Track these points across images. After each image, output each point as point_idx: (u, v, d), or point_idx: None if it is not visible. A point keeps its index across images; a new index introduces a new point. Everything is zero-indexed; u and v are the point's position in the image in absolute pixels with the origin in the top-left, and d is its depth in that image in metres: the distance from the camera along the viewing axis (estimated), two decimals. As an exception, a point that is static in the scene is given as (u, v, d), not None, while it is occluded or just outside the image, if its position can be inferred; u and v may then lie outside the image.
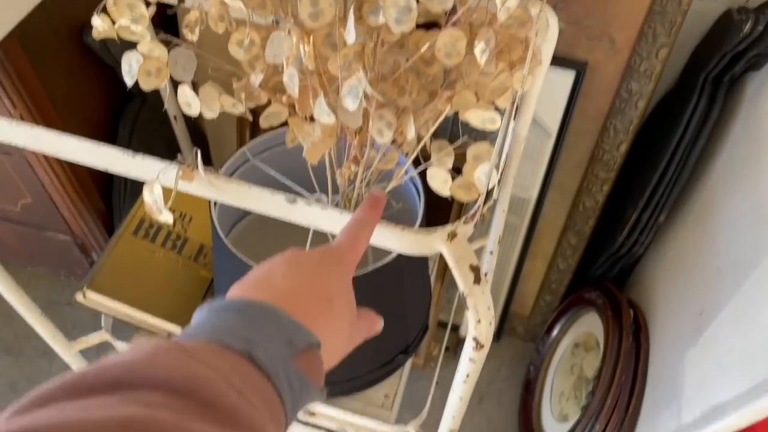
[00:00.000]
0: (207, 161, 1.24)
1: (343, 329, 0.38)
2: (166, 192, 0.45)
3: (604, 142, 0.99)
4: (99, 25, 0.49)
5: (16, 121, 0.46)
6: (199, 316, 0.33)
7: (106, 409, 0.23)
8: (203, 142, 1.17)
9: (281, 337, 0.32)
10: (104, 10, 0.50)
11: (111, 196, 0.96)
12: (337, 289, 0.38)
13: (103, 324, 0.91)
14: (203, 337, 0.30)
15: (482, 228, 1.09)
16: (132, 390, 0.25)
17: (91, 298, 0.82)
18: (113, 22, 0.51)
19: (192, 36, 0.51)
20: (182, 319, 0.84)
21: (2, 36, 0.58)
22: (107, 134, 0.94)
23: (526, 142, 1.04)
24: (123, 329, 0.91)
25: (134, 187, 0.95)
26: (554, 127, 1.00)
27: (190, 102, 0.55)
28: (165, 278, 0.86)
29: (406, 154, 0.62)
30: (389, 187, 0.64)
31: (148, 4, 0.51)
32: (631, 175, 1.05)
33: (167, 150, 1.02)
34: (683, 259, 0.98)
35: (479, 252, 0.71)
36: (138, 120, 0.94)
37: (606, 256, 1.11)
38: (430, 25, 0.53)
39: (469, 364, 0.51)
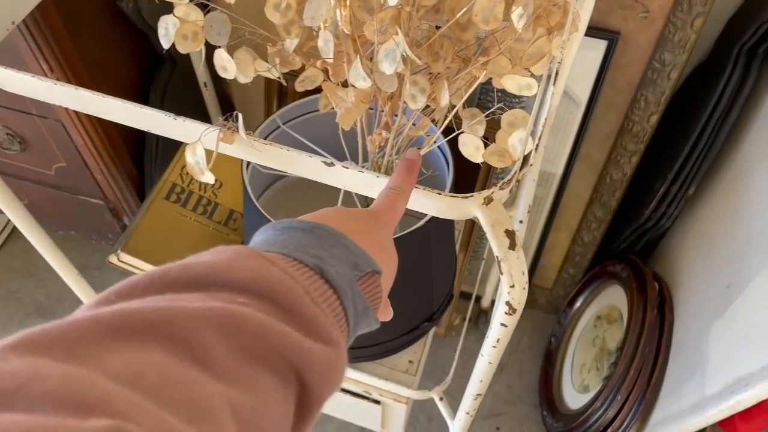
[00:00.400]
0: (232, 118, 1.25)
1: (390, 279, 0.39)
2: (207, 153, 0.46)
3: (634, 113, 0.98)
4: (140, -13, 0.50)
5: (62, 83, 0.47)
6: (264, 234, 0.33)
7: (200, 302, 0.24)
8: (230, 108, 1.18)
9: (346, 259, 0.32)
10: (144, -27, 0.51)
11: (143, 161, 0.97)
12: (386, 241, 0.39)
13: (135, 286, 0.93)
14: (276, 251, 0.30)
15: (509, 199, 1.09)
16: (217, 289, 0.25)
17: (125, 261, 0.85)
18: (153, -15, 0.51)
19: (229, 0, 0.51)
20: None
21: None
22: (139, 98, 0.95)
23: (555, 113, 1.03)
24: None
25: (165, 153, 0.97)
26: (584, 97, 0.99)
27: (226, 66, 0.56)
28: (195, 242, 0.87)
29: (435, 122, 0.63)
30: (422, 152, 0.65)
31: (187, -33, 0.52)
32: (660, 147, 1.04)
33: (197, 115, 1.03)
34: (711, 232, 0.98)
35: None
36: (169, 85, 0.95)
37: (632, 230, 1.11)
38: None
39: (500, 328, 0.52)
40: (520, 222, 0.68)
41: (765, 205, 0.83)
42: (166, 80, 0.95)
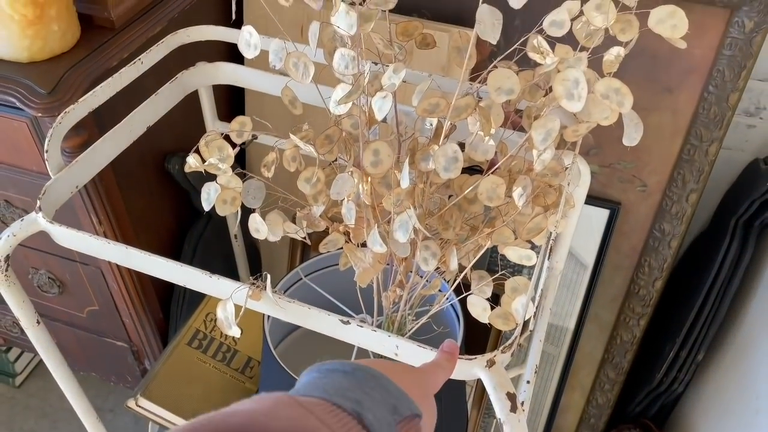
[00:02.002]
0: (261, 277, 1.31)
1: (431, 426, 0.39)
2: (236, 309, 0.51)
3: (639, 277, 1.02)
4: (192, 162, 0.58)
5: (113, 242, 0.53)
6: (308, 376, 0.35)
7: None
8: (257, 258, 1.25)
9: (387, 403, 0.33)
10: (197, 150, 0.59)
11: (170, 306, 1.02)
12: (428, 388, 0.40)
13: (149, 431, 0.95)
14: (317, 395, 0.32)
15: (520, 356, 1.11)
16: None
17: (142, 405, 0.87)
18: (203, 160, 0.59)
19: (268, 174, 0.59)
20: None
21: (104, 166, 0.67)
22: (173, 248, 1.03)
23: (564, 274, 1.08)
24: (167, 437, 0.94)
25: (191, 299, 1.02)
26: (590, 260, 1.04)
27: (258, 228, 0.62)
28: (212, 389, 0.90)
29: (448, 281, 0.67)
30: (432, 311, 0.69)
31: (233, 146, 0.60)
32: (669, 311, 1.07)
33: (225, 265, 1.10)
34: (722, 399, 0.97)
35: (517, 380, 0.74)
36: (203, 236, 1.03)
37: (645, 393, 1.11)
38: (472, 166, 0.60)
39: (504, 490, 0.52)
40: (528, 382, 0.70)
41: (772, 373, 0.84)
42: (201, 232, 1.03)
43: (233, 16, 0.63)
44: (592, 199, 0.98)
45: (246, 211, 0.62)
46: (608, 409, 1.18)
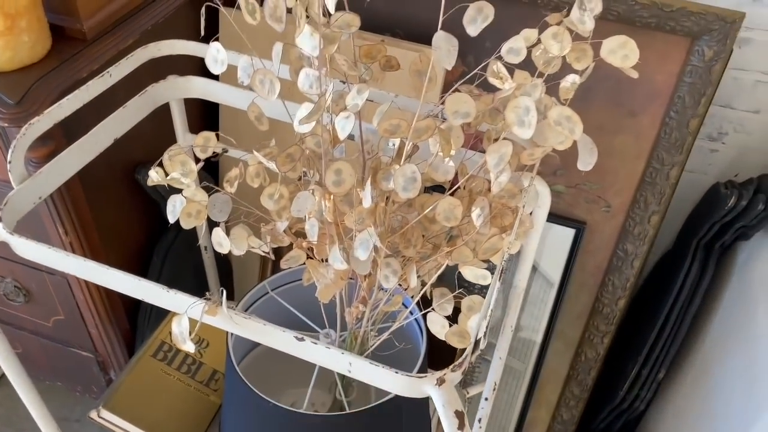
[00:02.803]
0: (230, 288, 1.31)
1: None
2: (192, 323, 0.51)
3: (603, 296, 1.04)
4: (154, 176, 0.59)
5: (72, 255, 0.54)
6: None
7: None
8: (228, 270, 1.25)
9: None
10: (160, 164, 0.60)
11: (137, 317, 1.02)
12: None
13: (111, 443, 0.94)
14: None
15: (485, 373, 1.12)
16: None
17: (105, 418, 0.86)
18: (166, 174, 0.60)
19: (231, 189, 0.60)
20: (188, 443, 0.87)
21: (69, 177, 0.68)
22: (142, 260, 1.03)
23: (531, 290, 1.10)
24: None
25: (159, 311, 1.02)
26: (556, 278, 1.06)
27: (221, 242, 0.63)
28: (176, 401, 0.89)
29: (412, 297, 0.68)
30: (393, 327, 0.70)
31: (197, 160, 0.61)
32: (632, 330, 1.09)
33: (195, 277, 1.09)
34: (683, 418, 0.99)
35: (478, 398, 0.75)
36: (171, 248, 1.03)
37: (608, 410, 1.12)
38: (437, 185, 0.61)
39: None
40: (486, 399, 0.71)
41: (728, 393, 0.86)
42: (170, 244, 1.03)
43: (202, 32, 0.64)
44: (558, 218, 1.00)
45: (214, 224, 0.63)
46: (573, 426, 1.20)
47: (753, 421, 0.76)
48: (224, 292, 0.51)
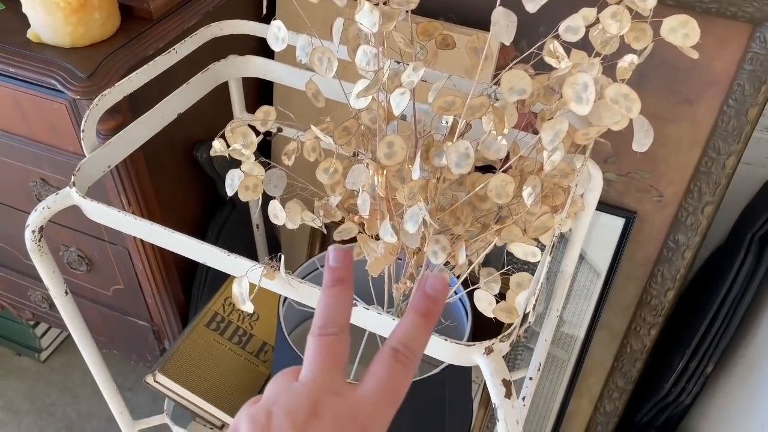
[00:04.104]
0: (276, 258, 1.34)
1: None
2: (251, 287, 0.54)
3: (652, 287, 1.03)
4: (217, 146, 0.61)
5: (141, 219, 0.57)
6: None
7: None
8: (277, 249, 1.29)
9: None
10: (222, 135, 0.62)
11: (191, 289, 1.06)
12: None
13: (165, 408, 0.98)
14: None
15: (527, 360, 1.12)
16: None
17: (160, 381, 0.90)
18: (228, 145, 0.63)
19: (288, 162, 0.62)
20: (237, 410, 0.90)
21: (135, 148, 0.71)
22: (197, 234, 1.06)
23: (577, 281, 1.09)
24: (181, 415, 0.98)
25: (213, 283, 1.06)
26: (604, 268, 1.05)
27: (278, 214, 0.65)
28: (227, 370, 0.93)
29: (458, 276, 0.70)
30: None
31: (257, 134, 0.63)
32: (680, 322, 1.07)
33: (246, 254, 1.13)
34: (730, 413, 0.98)
35: (522, 381, 0.75)
36: (226, 224, 1.07)
37: (653, 403, 1.11)
38: (487, 166, 0.62)
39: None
40: (530, 378, 0.72)
41: (778, 387, 0.84)
42: (224, 220, 1.07)
43: (264, 11, 0.66)
44: (607, 207, 1.00)
45: (268, 202, 0.65)
46: (615, 418, 1.19)
47: (804, 417, 0.75)
48: (282, 257, 0.53)
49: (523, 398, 0.71)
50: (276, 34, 0.64)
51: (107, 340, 1.19)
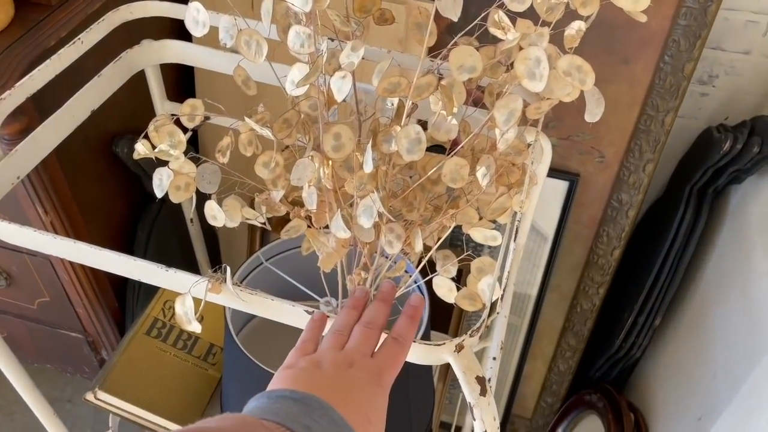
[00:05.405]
0: (218, 260, 1.28)
1: None
2: (196, 302, 0.49)
3: (598, 247, 1.04)
4: (141, 149, 0.55)
5: (60, 237, 0.51)
6: (258, 401, 0.37)
7: None
8: (215, 241, 1.22)
9: (332, 430, 0.36)
10: (146, 136, 0.56)
11: (125, 295, 0.99)
12: (376, 412, 0.41)
13: (110, 423, 0.92)
14: (271, 419, 0.34)
15: (485, 331, 1.12)
16: None
17: (102, 399, 0.84)
18: (153, 146, 0.56)
19: (223, 159, 0.56)
20: (189, 419, 0.85)
21: (46, 154, 0.64)
22: (126, 234, 0.99)
23: (525, 246, 1.09)
24: (129, 427, 0.92)
25: (148, 287, 0.99)
26: (551, 232, 1.05)
27: (216, 215, 0.60)
28: (174, 378, 0.88)
29: (413, 262, 0.67)
30: (397, 293, 0.68)
31: (185, 130, 0.57)
32: (627, 278, 1.09)
33: (181, 249, 1.06)
34: (680, 363, 1.01)
35: (481, 354, 0.74)
36: (156, 221, 1.00)
37: (605, 358, 1.13)
38: (435, 145, 0.59)
39: (475, 471, 0.53)
40: (494, 359, 0.70)
41: (726, 337, 0.87)
42: (154, 217, 0.99)
43: (178, -8, 0.60)
44: (551, 171, 0.98)
45: (201, 195, 0.60)
46: (569, 376, 1.21)
47: (754, 364, 0.77)
48: (228, 268, 0.48)
49: (489, 380, 0.69)
50: (195, 17, 0.57)
51: (37, 355, 1.11)
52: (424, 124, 0.54)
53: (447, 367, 1.12)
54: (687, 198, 0.97)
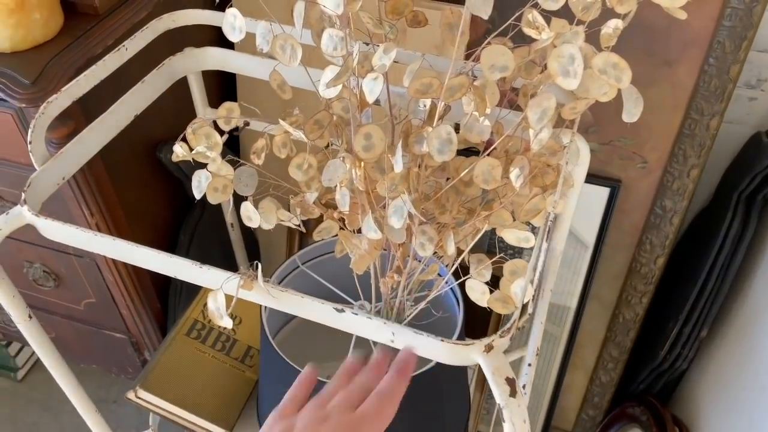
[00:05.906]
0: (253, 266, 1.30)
1: None
2: (228, 299, 0.50)
3: (641, 255, 1.01)
4: (179, 151, 0.57)
5: (101, 234, 0.52)
6: None
7: None
8: (255, 246, 1.24)
9: None
10: (183, 138, 0.58)
11: (167, 297, 1.01)
12: None
13: (150, 422, 0.94)
14: None
15: (522, 339, 1.10)
16: None
17: (143, 398, 0.86)
18: (190, 148, 0.58)
19: (258, 161, 0.57)
20: (227, 420, 0.86)
21: (91, 156, 0.66)
22: (169, 238, 1.02)
23: (564, 253, 1.07)
24: (169, 427, 0.94)
25: (189, 289, 1.01)
26: (591, 239, 1.03)
27: (251, 216, 0.61)
28: (212, 379, 0.89)
29: (447, 266, 0.66)
30: (430, 296, 0.68)
31: (221, 133, 0.59)
32: (671, 288, 1.06)
33: (222, 254, 1.08)
34: (727, 376, 0.97)
35: (518, 363, 0.73)
36: (198, 225, 1.02)
37: (648, 371, 1.10)
38: (468, 147, 0.59)
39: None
40: (529, 365, 0.69)
41: (776, 349, 0.83)
42: (196, 221, 1.02)
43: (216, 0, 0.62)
44: (591, 178, 0.97)
45: (240, 199, 0.61)
46: (612, 388, 1.18)
47: (806, 377, 0.74)
48: (259, 265, 0.49)
49: (523, 386, 0.68)
50: (232, 23, 0.59)
51: (84, 355, 1.14)
52: (457, 127, 0.54)
53: (484, 376, 1.11)
54: (735, 205, 0.94)
